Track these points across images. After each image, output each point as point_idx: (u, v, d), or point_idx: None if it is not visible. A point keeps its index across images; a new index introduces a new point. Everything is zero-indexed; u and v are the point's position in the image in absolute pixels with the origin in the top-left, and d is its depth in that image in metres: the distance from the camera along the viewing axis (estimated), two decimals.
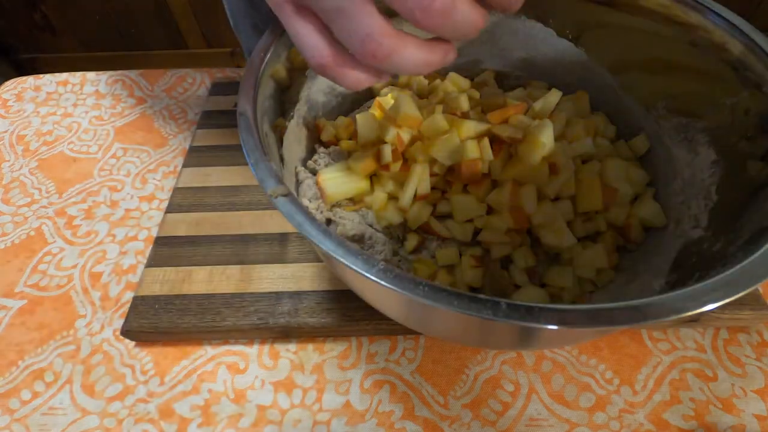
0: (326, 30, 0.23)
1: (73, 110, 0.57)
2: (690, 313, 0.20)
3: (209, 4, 1.49)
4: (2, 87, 0.60)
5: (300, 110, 0.38)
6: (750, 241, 0.26)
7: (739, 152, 0.32)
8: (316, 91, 0.40)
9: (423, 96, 0.43)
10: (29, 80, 0.61)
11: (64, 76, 0.61)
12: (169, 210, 0.45)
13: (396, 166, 0.35)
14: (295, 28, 0.23)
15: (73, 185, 0.50)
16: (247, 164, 0.27)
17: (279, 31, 0.34)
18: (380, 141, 0.37)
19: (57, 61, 1.66)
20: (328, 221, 0.36)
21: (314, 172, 0.39)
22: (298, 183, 0.37)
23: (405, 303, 0.27)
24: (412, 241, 0.35)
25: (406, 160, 0.36)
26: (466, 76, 0.44)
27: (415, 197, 0.35)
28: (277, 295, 0.39)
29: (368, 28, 0.21)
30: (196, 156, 0.50)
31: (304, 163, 0.39)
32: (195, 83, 0.60)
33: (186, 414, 0.35)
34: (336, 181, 0.36)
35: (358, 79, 0.24)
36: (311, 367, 0.37)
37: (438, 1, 0.19)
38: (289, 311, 0.38)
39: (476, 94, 0.42)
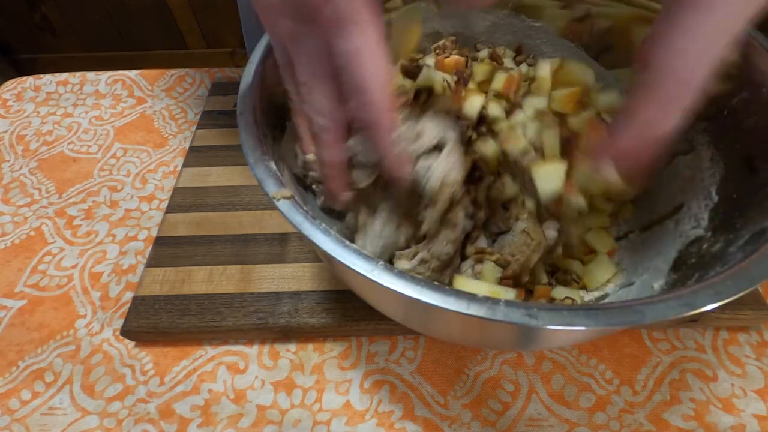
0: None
1: (73, 110, 0.57)
2: (690, 313, 0.20)
3: (209, 4, 1.49)
4: (2, 87, 0.60)
5: None
6: (750, 241, 0.26)
7: (739, 152, 0.32)
8: None
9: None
10: (29, 80, 0.61)
11: (64, 76, 0.61)
12: (169, 210, 0.45)
13: None
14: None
15: (73, 185, 0.50)
16: (246, 164, 0.27)
17: None
18: None
19: (57, 61, 1.66)
20: None
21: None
22: (300, 185, 0.37)
23: (405, 303, 0.27)
24: None
25: None
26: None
27: None
28: (277, 295, 0.39)
29: None
30: (196, 156, 0.50)
31: (304, 164, 0.39)
32: (195, 83, 0.60)
33: (186, 414, 0.35)
34: None
35: None
36: (311, 367, 0.37)
37: None
38: (289, 311, 0.38)
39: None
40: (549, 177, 0.32)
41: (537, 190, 0.32)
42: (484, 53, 0.41)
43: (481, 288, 0.31)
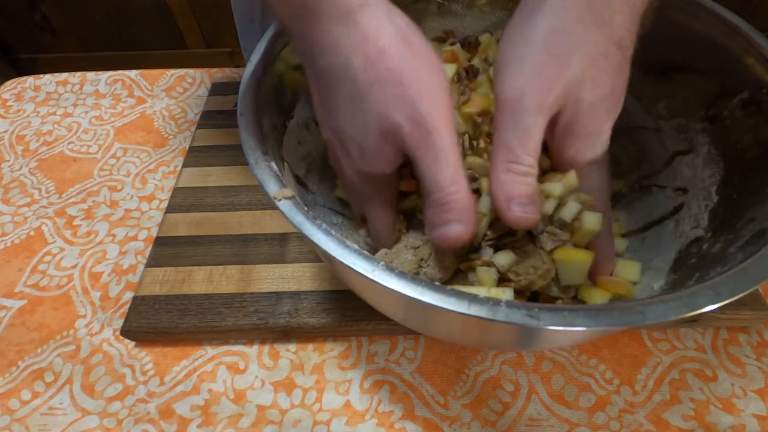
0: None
1: (73, 110, 0.57)
2: (690, 314, 0.20)
3: (209, 4, 1.49)
4: (2, 87, 0.60)
5: (300, 111, 0.38)
6: (750, 241, 0.26)
7: (739, 152, 0.32)
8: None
9: None
10: (29, 80, 0.61)
11: (64, 76, 0.61)
12: (169, 210, 0.45)
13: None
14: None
15: (73, 185, 0.50)
16: (247, 164, 0.27)
17: (279, 30, 0.34)
18: None
19: (57, 61, 1.66)
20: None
21: None
22: (300, 185, 0.37)
23: (405, 303, 0.27)
24: None
25: None
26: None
27: None
28: (277, 295, 0.39)
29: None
30: (196, 156, 0.50)
31: (305, 163, 0.39)
32: (195, 83, 0.60)
33: (186, 414, 0.35)
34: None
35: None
36: (311, 367, 0.37)
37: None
38: (289, 311, 0.38)
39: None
40: (576, 269, 0.30)
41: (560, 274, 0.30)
42: (485, 37, 0.40)
43: (480, 291, 0.30)
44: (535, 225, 0.27)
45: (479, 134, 0.34)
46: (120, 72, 0.61)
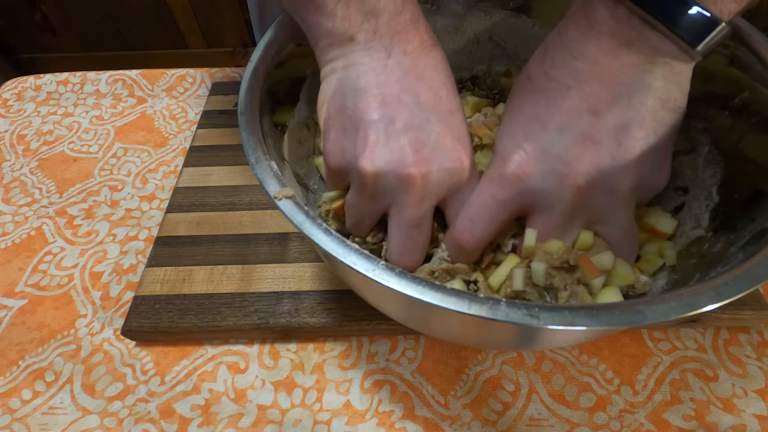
0: None
1: (74, 110, 0.57)
2: (690, 314, 0.20)
3: (209, 3, 1.49)
4: (3, 86, 0.60)
5: (300, 110, 0.38)
6: (750, 241, 0.26)
7: (739, 152, 0.32)
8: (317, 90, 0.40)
9: None
10: (30, 80, 0.61)
11: (65, 75, 0.61)
12: (170, 210, 0.45)
13: None
14: None
15: (73, 185, 0.50)
16: (247, 164, 0.27)
17: (280, 30, 0.34)
18: None
19: (57, 60, 1.66)
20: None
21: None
22: (301, 185, 0.37)
23: (405, 303, 0.27)
24: None
25: None
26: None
27: None
28: (278, 295, 0.39)
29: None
30: (196, 156, 0.50)
31: (306, 163, 0.39)
32: (195, 83, 0.60)
33: (186, 414, 0.35)
34: None
35: None
36: (311, 366, 0.37)
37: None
38: (290, 311, 0.38)
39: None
40: None
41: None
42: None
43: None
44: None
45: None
46: (120, 72, 0.61)
